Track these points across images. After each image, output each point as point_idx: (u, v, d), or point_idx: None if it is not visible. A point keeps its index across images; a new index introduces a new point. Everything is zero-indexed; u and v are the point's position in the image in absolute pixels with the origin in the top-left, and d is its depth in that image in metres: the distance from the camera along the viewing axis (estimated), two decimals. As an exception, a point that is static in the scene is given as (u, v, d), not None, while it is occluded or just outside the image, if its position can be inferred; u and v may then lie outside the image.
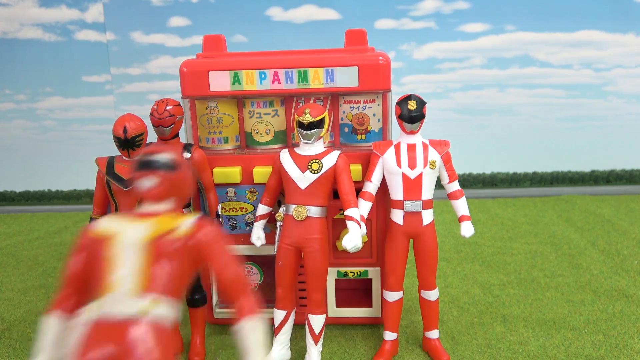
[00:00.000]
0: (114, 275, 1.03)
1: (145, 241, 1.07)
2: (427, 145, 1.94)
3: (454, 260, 3.07)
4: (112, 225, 1.10)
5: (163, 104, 1.95)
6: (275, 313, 1.98)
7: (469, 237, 1.98)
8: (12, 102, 4.67)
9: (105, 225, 1.11)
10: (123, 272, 1.03)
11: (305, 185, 1.89)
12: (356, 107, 2.11)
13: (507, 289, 2.64)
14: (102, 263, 1.05)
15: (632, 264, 2.91)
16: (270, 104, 2.13)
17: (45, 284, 2.89)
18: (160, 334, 1.01)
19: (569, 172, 4.76)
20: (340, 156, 1.92)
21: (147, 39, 4.49)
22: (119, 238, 1.06)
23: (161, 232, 1.08)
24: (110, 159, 1.86)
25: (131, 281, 1.03)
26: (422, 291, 2.03)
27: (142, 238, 1.07)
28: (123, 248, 1.05)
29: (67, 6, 4.47)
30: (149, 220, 1.10)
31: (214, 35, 2.20)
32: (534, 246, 3.26)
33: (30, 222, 4.32)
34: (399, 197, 1.93)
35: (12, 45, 4.53)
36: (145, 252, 1.06)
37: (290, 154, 1.93)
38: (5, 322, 2.46)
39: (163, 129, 1.95)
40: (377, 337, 2.21)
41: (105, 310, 1.00)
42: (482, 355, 2.05)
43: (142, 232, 1.08)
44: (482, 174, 4.80)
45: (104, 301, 1.01)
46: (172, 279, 1.07)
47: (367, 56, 2.04)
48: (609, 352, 2.04)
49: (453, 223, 3.74)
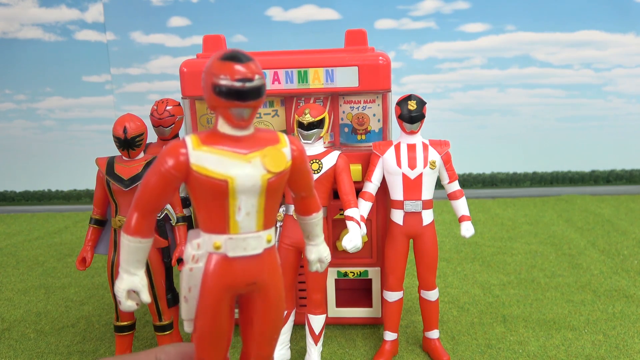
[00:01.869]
0: (237, 217, 1.06)
1: (262, 183, 1.07)
2: (427, 146, 1.94)
3: (454, 260, 3.07)
4: (217, 165, 1.05)
5: (163, 104, 1.95)
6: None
7: (469, 237, 1.98)
8: (12, 102, 4.67)
9: (206, 163, 1.05)
10: (244, 212, 1.07)
11: None
12: (356, 107, 2.11)
13: (507, 289, 2.64)
14: (214, 202, 1.06)
15: (632, 264, 2.91)
16: (270, 104, 2.13)
17: (45, 284, 2.89)
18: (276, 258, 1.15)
19: (569, 172, 4.76)
20: (340, 156, 1.92)
21: (147, 39, 4.49)
22: (235, 182, 1.05)
23: (275, 171, 1.08)
24: (110, 159, 1.86)
25: (255, 220, 1.08)
26: (422, 291, 2.03)
27: (259, 179, 1.07)
28: (242, 191, 1.06)
29: (67, 6, 4.47)
30: (254, 156, 1.06)
31: (214, 35, 2.20)
32: (534, 246, 3.26)
33: (30, 222, 4.32)
34: (399, 197, 1.93)
35: (12, 45, 4.53)
36: (263, 192, 1.08)
37: None
38: (5, 322, 2.46)
39: (163, 129, 1.95)
40: (377, 337, 2.21)
41: (239, 248, 1.07)
42: (482, 355, 2.05)
43: (257, 173, 1.06)
44: (482, 174, 4.80)
45: (230, 239, 1.07)
46: (276, 210, 1.14)
47: (367, 56, 2.04)
48: (609, 352, 2.04)
49: (453, 223, 3.74)
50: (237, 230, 1.07)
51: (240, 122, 1.05)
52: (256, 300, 1.12)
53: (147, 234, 1.08)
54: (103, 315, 2.49)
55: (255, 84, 1.02)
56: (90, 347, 2.20)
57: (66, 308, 2.59)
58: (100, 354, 2.14)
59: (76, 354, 2.15)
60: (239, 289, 1.10)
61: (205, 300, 1.08)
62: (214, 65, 1.03)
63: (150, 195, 1.07)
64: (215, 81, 1.01)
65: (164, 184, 1.05)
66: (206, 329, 1.09)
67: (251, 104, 1.03)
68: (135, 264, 1.09)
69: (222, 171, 1.04)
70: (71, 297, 2.71)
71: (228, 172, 1.04)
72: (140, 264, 1.09)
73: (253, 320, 1.13)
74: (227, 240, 1.07)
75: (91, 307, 2.58)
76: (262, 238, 1.09)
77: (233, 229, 1.07)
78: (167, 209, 1.84)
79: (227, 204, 1.05)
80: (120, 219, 1.81)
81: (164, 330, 1.94)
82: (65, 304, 2.63)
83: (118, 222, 1.82)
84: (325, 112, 1.91)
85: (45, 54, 4.54)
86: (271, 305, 1.12)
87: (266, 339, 1.14)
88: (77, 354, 2.15)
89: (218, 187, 1.04)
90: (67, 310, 2.56)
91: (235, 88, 1.01)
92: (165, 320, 1.93)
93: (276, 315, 1.14)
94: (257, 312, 1.12)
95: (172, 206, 1.87)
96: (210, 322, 1.09)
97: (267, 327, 1.13)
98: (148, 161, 1.83)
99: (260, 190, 1.07)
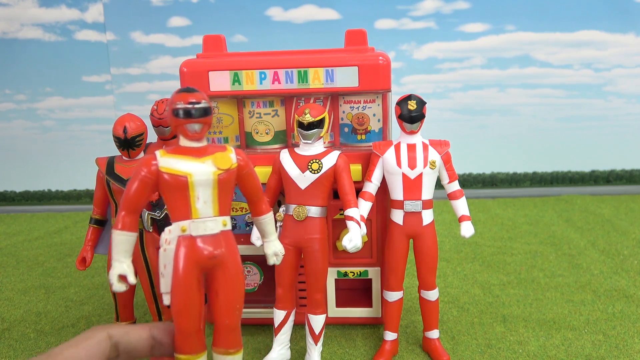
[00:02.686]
0: (197, 204, 1.38)
1: (214, 177, 1.39)
2: (427, 146, 1.94)
3: (454, 260, 3.07)
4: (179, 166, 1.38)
5: (163, 104, 1.95)
6: (275, 313, 1.98)
7: (469, 237, 1.97)
8: (12, 102, 4.67)
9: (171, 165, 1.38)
10: (202, 201, 1.38)
11: (305, 185, 1.89)
12: (356, 107, 2.11)
13: (507, 289, 2.64)
14: (179, 194, 1.38)
15: (632, 264, 2.91)
16: (270, 104, 2.13)
17: (45, 284, 2.89)
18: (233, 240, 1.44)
19: (569, 172, 4.76)
20: (340, 156, 1.92)
21: (147, 39, 4.49)
22: (193, 177, 1.37)
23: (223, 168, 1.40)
24: (110, 159, 1.86)
25: (211, 207, 1.39)
26: (422, 291, 2.03)
27: (211, 175, 1.39)
28: (199, 184, 1.38)
29: (67, 6, 4.47)
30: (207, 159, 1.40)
31: (214, 35, 2.20)
32: (534, 246, 3.26)
33: (30, 222, 4.32)
34: (399, 197, 1.93)
35: (12, 45, 4.53)
36: (215, 185, 1.39)
37: (290, 154, 1.93)
38: (5, 322, 2.46)
39: (163, 128, 1.95)
40: (377, 337, 2.21)
41: (200, 228, 1.38)
42: (482, 355, 2.05)
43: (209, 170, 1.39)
44: (482, 174, 4.80)
45: (193, 222, 1.37)
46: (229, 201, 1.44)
47: (367, 56, 2.04)
48: (609, 352, 2.04)
49: (453, 223, 3.74)
50: (197, 215, 1.38)
51: (194, 135, 1.38)
52: (219, 275, 1.40)
53: (132, 228, 1.38)
54: (103, 315, 2.49)
55: (202, 106, 1.38)
56: (90, 347, 2.20)
57: (66, 308, 2.59)
58: (100, 354, 2.14)
59: (76, 354, 2.15)
60: (202, 262, 1.38)
61: (177, 274, 1.37)
62: (173, 97, 1.39)
63: (132, 196, 1.37)
64: (174, 107, 1.37)
65: (142, 187, 1.36)
66: (180, 300, 1.36)
67: (200, 120, 1.37)
68: (124, 253, 1.38)
69: (183, 169, 1.36)
70: (71, 297, 2.71)
71: (187, 169, 1.36)
72: (127, 253, 1.38)
73: (218, 292, 1.40)
74: (191, 224, 1.38)
75: (91, 307, 2.58)
76: (218, 222, 1.39)
77: (194, 214, 1.38)
78: (166, 208, 1.84)
79: (188, 194, 1.37)
80: None
81: None
82: (65, 304, 2.63)
83: None
84: (325, 112, 1.91)
85: (45, 54, 4.54)
86: (231, 277, 1.40)
87: (230, 307, 1.41)
88: (77, 354, 2.15)
89: (180, 181, 1.36)
90: (67, 310, 2.56)
91: (187, 109, 1.36)
92: (166, 319, 1.93)
93: (236, 286, 1.42)
94: (220, 284, 1.40)
95: None
96: (182, 293, 1.36)
97: (229, 296, 1.41)
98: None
99: (213, 184, 1.38)
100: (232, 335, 1.44)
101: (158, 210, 1.82)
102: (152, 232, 1.84)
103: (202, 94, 1.40)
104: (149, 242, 1.84)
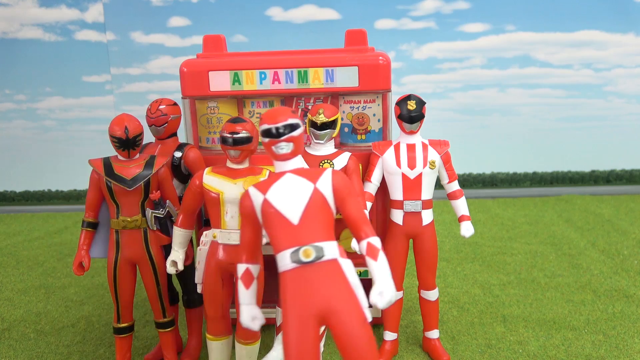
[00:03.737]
0: (226, 218, 1.69)
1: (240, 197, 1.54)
2: (426, 146, 1.94)
3: (454, 260, 3.07)
4: (215, 184, 1.70)
5: (156, 104, 1.95)
6: (277, 312, 1.98)
7: (468, 237, 1.98)
8: (12, 102, 4.68)
9: (210, 182, 1.71)
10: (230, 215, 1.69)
11: None
12: (356, 107, 2.11)
13: (507, 289, 2.64)
14: (214, 207, 1.70)
15: (632, 264, 2.91)
16: (270, 104, 2.13)
17: (45, 284, 2.89)
18: None
19: (569, 172, 4.76)
20: (351, 157, 1.94)
21: (147, 39, 4.49)
22: (223, 195, 1.68)
23: None
24: (105, 160, 1.85)
25: (237, 222, 1.68)
26: (422, 291, 2.03)
27: (239, 195, 1.64)
28: (228, 201, 1.68)
29: (67, 6, 4.47)
30: (239, 180, 1.69)
31: (214, 35, 2.20)
32: (534, 246, 3.26)
33: (30, 222, 4.32)
34: (398, 197, 1.93)
35: (12, 45, 4.53)
36: None
37: None
38: (5, 322, 2.46)
39: (156, 128, 1.95)
40: (377, 337, 2.21)
41: (225, 238, 1.70)
42: (482, 355, 2.05)
43: (238, 190, 1.67)
44: (482, 174, 4.80)
45: (221, 232, 1.71)
46: None
47: (367, 56, 2.04)
48: (609, 352, 2.04)
49: (453, 223, 3.74)
50: (225, 227, 1.71)
51: (233, 159, 1.70)
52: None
53: (186, 226, 1.79)
54: (103, 315, 2.49)
55: (241, 136, 1.67)
56: (90, 347, 2.20)
57: (66, 308, 2.59)
58: (100, 354, 2.14)
59: (76, 354, 2.15)
60: (223, 266, 1.71)
61: (205, 270, 1.75)
62: (224, 124, 1.71)
63: (185, 202, 1.77)
64: (222, 134, 1.68)
65: (192, 195, 1.75)
66: (206, 290, 1.75)
67: (238, 148, 1.67)
68: (179, 245, 1.80)
69: (217, 187, 1.70)
70: (71, 297, 2.71)
71: (220, 188, 1.70)
72: (182, 245, 1.80)
73: None
74: (219, 233, 1.71)
75: (91, 307, 2.58)
76: None
77: (223, 225, 1.71)
78: (169, 206, 1.85)
79: (219, 209, 1.70)
80: (123, 219, 1.81)
81: (166, 327, 1.94)
82: (65, 304, 2.63)
83: (122, 223, 1.81)
84: (339, 113, 1.93)
85: (45, 54, 4.54)
86: None
87: None
88: (77, 354, 2.15)
89: (214, 197, 1.70)
90: (67, 310, 2.56)
91: (228, 137, 1.67)
92: (169, 317, 1.94)
93: None
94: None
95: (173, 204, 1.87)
96: (207, 285, 1.74)
97: None
98: (147, 160, 1.83)
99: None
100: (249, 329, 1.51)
101: (161, 209, 1.83)
102: (155, 232, 1.84)
103: (246, 124, 1.67)
104: (153, 241, 1.84)
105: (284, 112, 1.40)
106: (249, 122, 1.70)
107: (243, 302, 1.44)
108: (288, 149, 1.38)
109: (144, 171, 1.80)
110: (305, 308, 1.25)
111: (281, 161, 1.39)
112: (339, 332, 1.22)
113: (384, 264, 1.31)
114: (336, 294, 1.25)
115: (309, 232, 1.28)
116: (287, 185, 1.34)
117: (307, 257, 1.27)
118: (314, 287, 1.25)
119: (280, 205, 1.31)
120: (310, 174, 1.36)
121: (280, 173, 1.39)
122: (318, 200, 1.31)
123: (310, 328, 1.24)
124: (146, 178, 1.79)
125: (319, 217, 1.31)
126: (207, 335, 1.80)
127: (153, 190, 1.82)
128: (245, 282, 1.43)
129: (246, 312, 1.44)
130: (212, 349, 1.82)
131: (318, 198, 1.32)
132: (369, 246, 1.33)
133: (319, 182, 1.34)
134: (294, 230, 1.29)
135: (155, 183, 1.83)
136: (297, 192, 1.33)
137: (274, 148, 1.38)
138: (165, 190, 1.86)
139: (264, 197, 1.35)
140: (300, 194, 1.32)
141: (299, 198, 1.31)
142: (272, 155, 1.40)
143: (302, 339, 1.23)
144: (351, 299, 1.25)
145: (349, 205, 1.34)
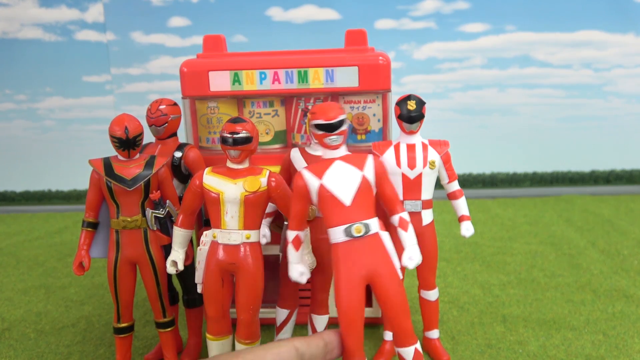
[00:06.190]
0: (225, 218, 1.70)
1: (240, 197, 1.68)
2: (426, 146, 1.94)
3: (454, 260, 3.07)
4: (215, 184, 1.70)
5: (156, 104, 1.95)
6: (277, 312, 1.99)
7: (468, 237, 1.97)
8: (12, 102, 4.68)
9: (210, 182, 1.71)
10: (230, 215, 1.70)
11: None
12: (356, 107, 2.11)
13: (507, 289, 2.64)
14: (214, 207, 1.70)
15: (632, 264, 2.91)
16: (270, 104, 2.13)
17: (45, 284, 2.89)
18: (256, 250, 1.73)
19: (569, 172, 4.76)
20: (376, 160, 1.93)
21: (147, 39, 4.49)
22: (223, 195, 1.69)
23: (250, 190, 1.68)
24: (105, 160, 1.85)
25: (237, 222, 1.70)
26: (422, 291, 2.03)
27: (239, 195, 1.68)
28: (228, 201, 1.69)
29: (67, 6, 4.47)
30: (239, 180, 1.69)
31: (214, 35, 2.20)
32: (534, 246, 3.26)
33: (30, 222, 4.32)
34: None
35: (12, 45, 4.54)
36: (241, 204, 1.69)
37: (301, 153, 1.93)
38: (5, 322, 2.46)
39: (156, 128, 1.95)
40: (377, 337, 2.21)
41: (225, 238, 1.70)
42: (482, 355, 2.05)
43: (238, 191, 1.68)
44: (482, 174, 4.80)
45: (221, 232, 1.70)
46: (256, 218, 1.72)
47: (367, 56, 2.04)
48: (609, 352, 2.04)
49: (453, 223, 3.74)
50: (225, 227, 1.71)
51: (233, 159, 1.70)
52: (238, 278, 1.72)
53: (187, 226, 1.79)
54: (103, 315, 2.49)
55: (241, 136, 1.67)
56: (90, 347, 2.20)
57: (66, 308, 2.59)
58: (100, 354, 2.14)
59: (76, 354, 2.15)
60: (223, 266, 1.71)
61: (205, 270, 1.74)
62: (224, 124, 1.71)
63: (185, 202, 1.77)
64: (222, 134, 1.69)
65: (192, 195, 1.75)
66: (206, 290, 1.75)
67: (238, 148, 1.68)
68: (179, 245, 1.80)
69: (217, 187, 1.70)
70: (71, 297, 2.71)
71: (220, 188, 1.69)
72: (182, 245, 1.80)
73: (237, 292, 1.73)
74: (219, 233, 1.71)
75: (91, 307, 2.58)
76: (242, 234, 1.70)
77: (223, 225, 1.71)
78: (169, 206, 1.85)
79: (219, 208, 1.70)
80: (123, 220, 1.81)
81: (167, 327, 1.94)
82: (65, 304, 2.63)
83: (122, 223, 1.81)
84: (345, 114, 1.93)
85: (45, 54, 4.55)
86: (247, 281, 1.70)
87: (246, 306, 1.73)
88: (77, 354, 2.15)
89: (214, 197, 1.70)
90: (67, 310, 2.56)
91: (228, 137, 1.67)
92: (169, 317, 1.94)
93: (251, 289, 1.71)
94: (239, 286, 1.72)
95: (173, 204, 1.87)
96: (207, 285, 1.74)
97: (245, 297, 1.72)
98: (147, 160, 1.83)
99: (240, 202, 1.68)
100: (249, 328, 1.75)
101: (162, 209, 1.83)
102: (155, 232, 1.84)
103: (246, 125, 1.68)
104: (153, 241, 1.84)
105: (335, 108, 1.60)
106: (249, 122, 1.69)
107: (293, 261, 1.66)
108: (339, 140, 1.60)
109: (144, 171, 1.80)
110: (355, 272, 1.53)
111: (332, 150, 1.60)
112: (381, 290, 1.54)
113: (413, 234, 1.64)
114: (379, 261, 1.54)
115: (359, 212, 1.55)
116: (339, 172, 1.57)
117: (359, 233, 1.54)
118: (362, 256, 1.54)
119: (335, 190, 1.54)
120: (357, 161, 1.59)
121: (330, 160, 1.60)
122: (365, 186, 1.56)
123: (358, 287, 1.53)
124: (146, 178, 1.80)
125: (366, 199, 1.57)
126: (207, 335, 1.80)
127: (153, 190, 1.82)
128: (296, 245, 1.66)
129: (295, 269, 1.67)
130: (212, 349, 1.82)
131: (365, 184, 1.57)
132: (401, 219, 1.65)
133: (365, 170, 1.58)
134: (346, 211, 1.55)
135: (155, 183, 1.83)
136: (348, 179, 1.56)
137: (327, 140, 1.59)
138: (165, 190, 1.86)
139: (320, 182, 1.57)
140: (351, 181, 1.56)
141: (350, 184, 1.56)
142: (323, 144, 1.60)
143: (351, 296, 1.52)
144: (390, 264, 1.56)
145: (385, 186, 1.62)
